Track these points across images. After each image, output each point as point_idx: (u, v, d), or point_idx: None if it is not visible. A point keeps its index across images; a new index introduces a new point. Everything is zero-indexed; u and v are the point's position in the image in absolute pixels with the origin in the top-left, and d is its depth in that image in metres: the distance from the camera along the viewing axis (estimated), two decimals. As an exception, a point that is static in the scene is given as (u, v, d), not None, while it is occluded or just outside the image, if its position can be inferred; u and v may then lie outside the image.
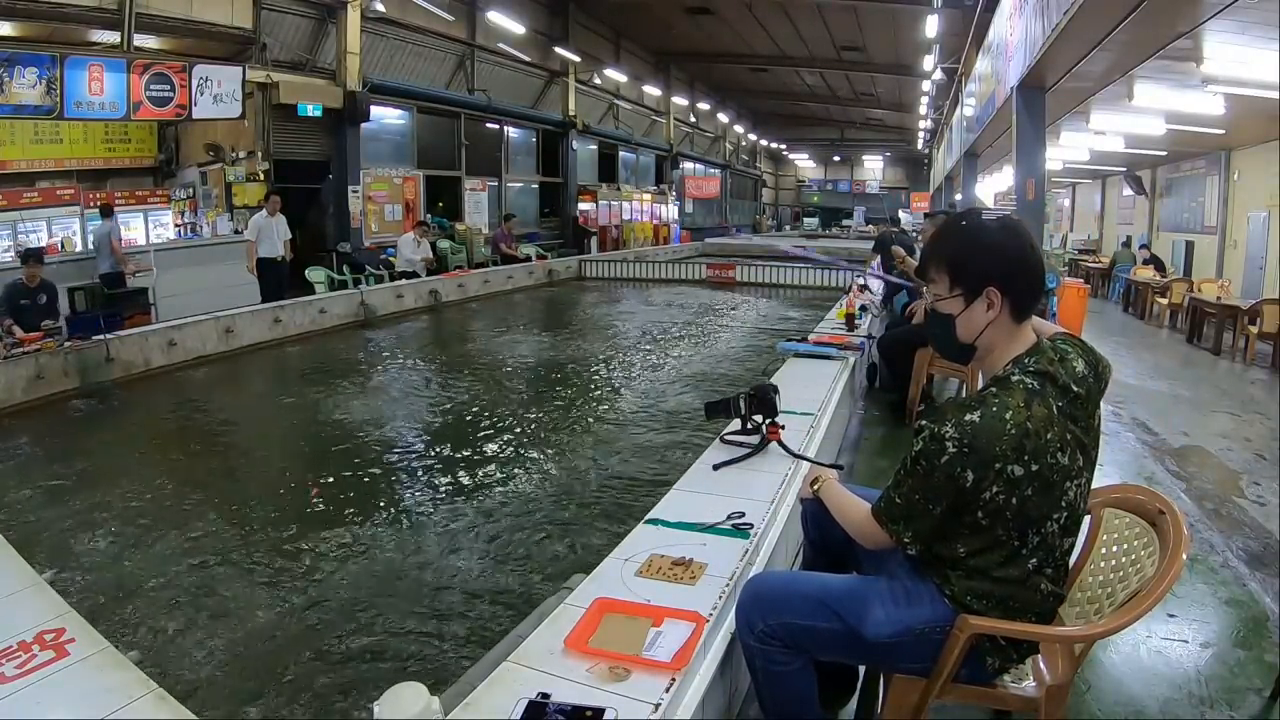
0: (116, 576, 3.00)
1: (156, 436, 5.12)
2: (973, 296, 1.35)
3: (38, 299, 6.01)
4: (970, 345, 1.40)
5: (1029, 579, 1.38)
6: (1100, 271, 13.53)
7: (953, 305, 1.38)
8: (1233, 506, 3.40)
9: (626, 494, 3.83)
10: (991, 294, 1.34)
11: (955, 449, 1.26)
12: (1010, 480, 1.27)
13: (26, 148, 12.13)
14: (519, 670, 1.45)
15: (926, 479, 1.31)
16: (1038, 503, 1.30)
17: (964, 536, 1.36)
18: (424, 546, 3.29)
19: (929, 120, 25.73)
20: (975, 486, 1.27)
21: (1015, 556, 1.36)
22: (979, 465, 1.25)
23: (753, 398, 2.67)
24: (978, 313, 1.35)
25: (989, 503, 1.29)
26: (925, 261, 1.45)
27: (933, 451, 1.28)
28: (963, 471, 1.26)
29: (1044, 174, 9.07)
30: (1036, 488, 1.28)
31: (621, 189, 22.11)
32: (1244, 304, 7.58)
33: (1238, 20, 5.11)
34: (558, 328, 9.50)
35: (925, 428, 1.31)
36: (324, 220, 12.57)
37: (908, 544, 1.39)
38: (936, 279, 1.40)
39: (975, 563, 1.38)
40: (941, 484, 1.29)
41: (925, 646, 1.42)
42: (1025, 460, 1.26)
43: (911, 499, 1.35)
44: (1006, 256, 1.34)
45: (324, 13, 12.04)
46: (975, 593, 1.39)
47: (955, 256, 1.38)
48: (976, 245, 1.36)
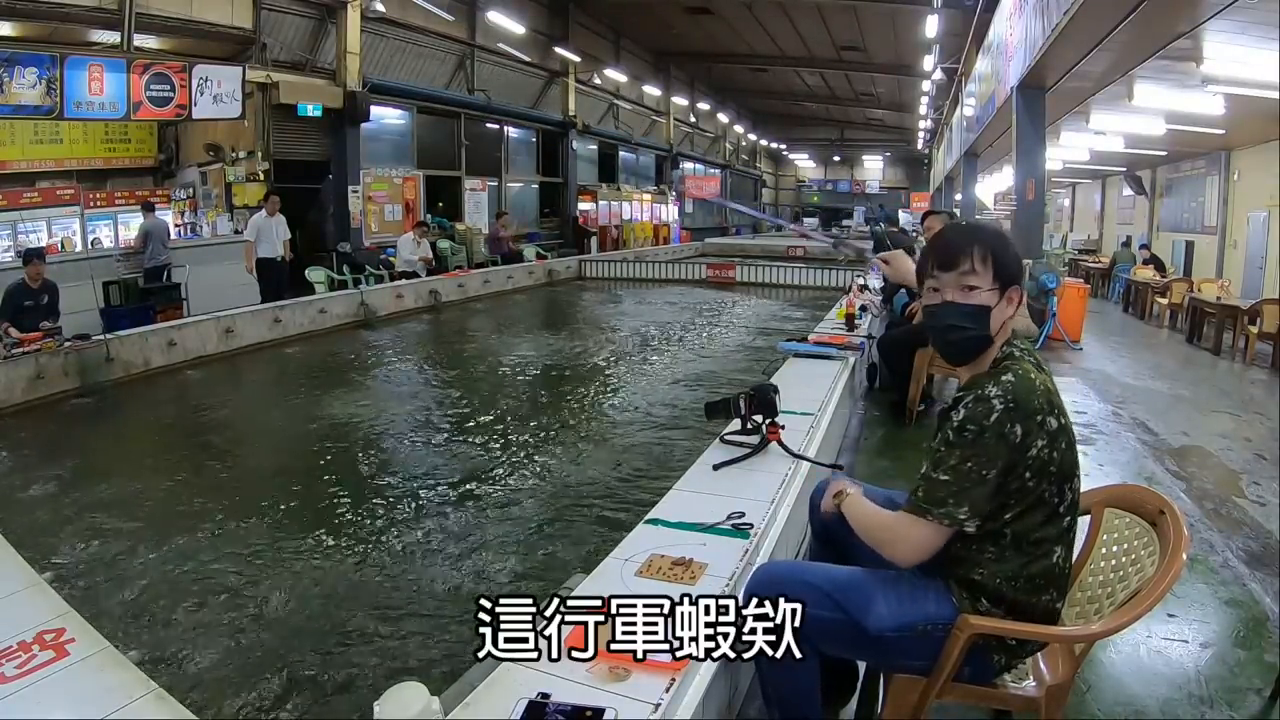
0: (117, 576, 3.00)
1: (156, 437, 5.12)
2: (1003, 292, 1.41)
3: (40, 299, 6.00)
4: (991, 338, 1.43)
5: (1058, 544, 1.40)
6: (1100, 271, 13.53)
7: (990, 297, 1.41)
8: (1233, 506, 3.39)
9: (626, 494, 3.83)
10: (1014, 292, 1.42)
11: (1002, 405, 1.30)
12: (1050, 433, 1.32)
13: (26, 148, 12.13)
14: (519, 670, 1.44)
15: (976, 443, 1.31)
16: (1069, 457, 1.36)
17: (1009, 504, 1.36)
18: (424, 546, 3.28)
19: (929, 120, 25.73)
20: (1024, 442, 1.30)
21: (1054, 514, 1.38)
22: (1024, 418, 1.30)
23: (753, 398, 2.67)
24: (1003, 308, 1.42)
25: (1035, 459, 1.32)
26: (959, 252, 1.42)
27: (980, 413, 1.31)
28: (1012, 427, 1.30)
29: (1044, 174, 9.08)
30: (1067, 441, 1.36)
31: (621, 189, 22.12)
32: (1244, 304, 7.57)
33: (1238, 20, 5.11)
34: (558, 328, 9.50)
35: (967, 395, 1.35)
36: (324, 220, 12.57)
37: (964, 521, 1.34)
38: (980, 270, 1.40)
39: (1018, 528, 1.37)
40: (993, 445, 1.30)
41: (927, 645, 1.42)
42: (1056, 413, 1.34)
43: (961, 470, 1.33)
44: (1018, 261, 1.44)
45: (324, 13, 12.04)
46: (1005, 575, 1.39)
47: (998, 251, 1.41)
48: (1007, 248, 1.43)
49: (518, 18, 15.41)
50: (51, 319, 5.99)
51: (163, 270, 9.01)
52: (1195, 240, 12.42)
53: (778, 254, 19.28)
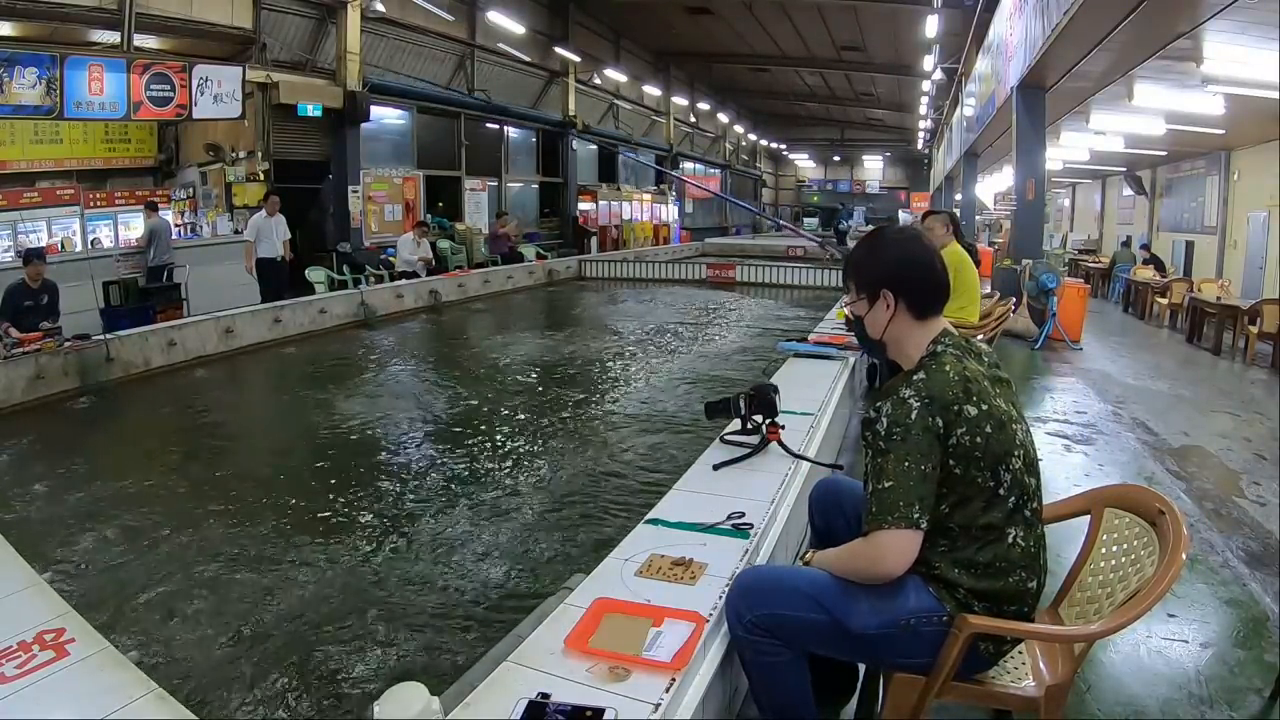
0: (117, 576, 3.01)
1: (156, 437, 5.12)
2: (871, 299, 1.54)
3: (40, 299, 6.00)
4: (880, 340, 1.56)
5: (1009, 525, 1.42)
6: (1100, 271, 13.53)
7: (860, 308, 1.58)
8: (1233, 506, 3.39)
9: (626, 494, 3.83)
10: (886, 295, 1.51)
11: (919, 403, 1.38)
12: (969, 420, 1.38)
13: (26, 148, 12.13)
14: (519, 670, 1.45)
15: (906, 442, 1.37)
16: (999, 439, 1.40)
17: (944, 496, 1.40)
18: (424, 546, 3.29)
19: (929, 120, 25.73)
20: (947, 432, 1.37)
21: (994, 498, 1.41)
22: (942, 410, 1.37)
23: (753, 398, 2.67)
24: (879, 312, 1.53)
25: (959, 446, 1.38)
26: (844, 278, 1.65)
27: (901, 415, 1.39)
28: (933, 420, 1.37)
29: (1044, 174, 9.08)
30: (994, 425, 1.40)
31: (621, 189, 22.12)
32: (1244, 304, 7.57)
33: (1238, 20, 5.11)
34: (558, 328, 9.50)
35: (879, 406, 1.43)
36: (324, 220, 12.57)
37: (918, 518, 1.37)
38: (849, 286, 1.61)
39: (960, 519, 1.41)
40: (923, 440, 1.37)
41: (915, 640, 1.44)
42: (975, 400, 1.39)
43: (900, 470, 1.37)
44: (896, 263, 1.53)
45: (324, 13, 12.04)
46: (962, 564, 1.42)
47: (856, 267, 1.60)
48: (871, 256, 1.58)
49: (518, 18, 15.41)
50: (51, 319, 5.99)
51: (163, 270, 9.02)
52: (1195, 240, 12.42)
53: (778, 254, 19.29)
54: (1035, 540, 1.47)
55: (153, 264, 8.92)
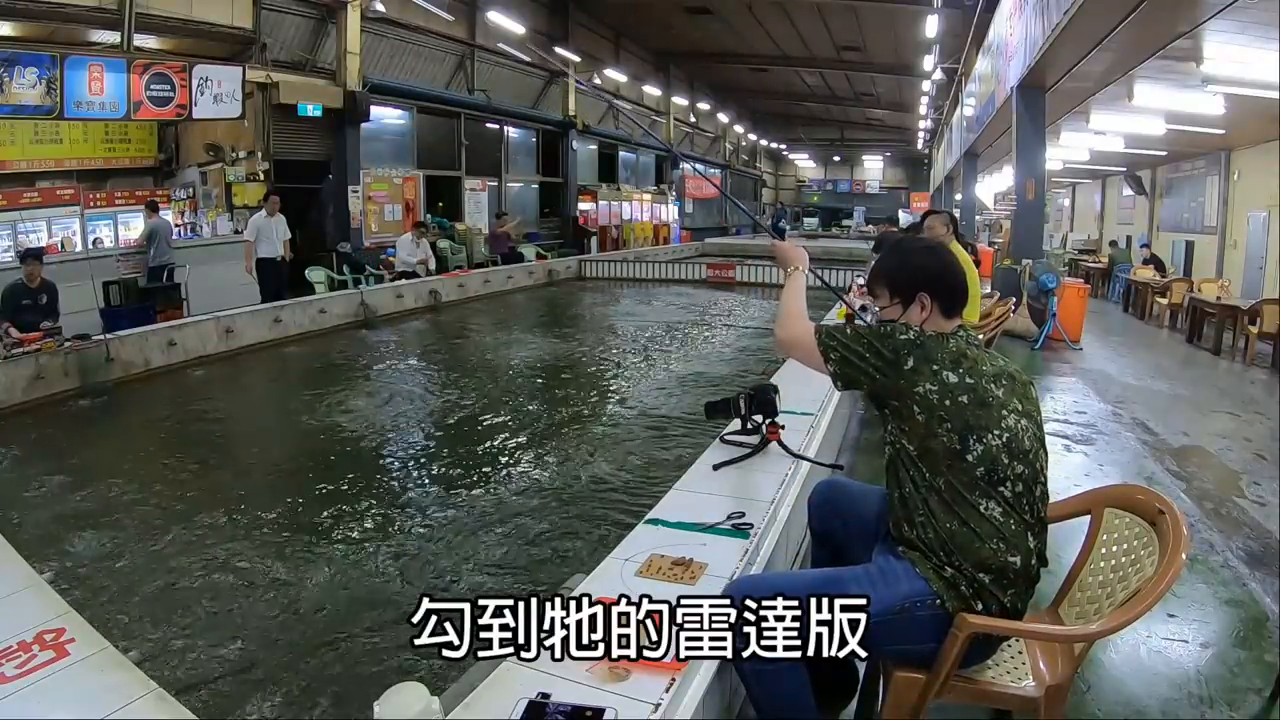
0: (117, 576, 3.01)
1: (156, 437, 5.11)
2: (908, 302, 1.66)
3: (38, 299, 6.00)
4: None
5: (981, 498, 1.48)
6: (1100, 271, 13.53)
7: (893, 312, 1.68)
8: (1233, 506, 3.39)
9: (625, 494, 3.83)
10: (923, 298, 1.64)
11: (913, 337, 1.55)
12: (944, 384, 1.50)
13: (26, 148, 12.10)
14: (519, 670, 1.44)
15: (881, 334, 1.57)
16: (975, 413, 1.49)
17: (906, 433, 1.55)
18: (425, 546, 3.29)
19: (929, 120, 25.73)
20: (912, 374, 1.51)
21: (960, 462, 1.48)
22: (921, 359, 1.52)
23: (753, 398, 2.67)
24: (914, 313, 1.65)
25: (923, 397, 1.50)
26: (870, 282, 1.77)
27: (897, 329, 1.58)
28: (907, 355, 1.52)
29: (1044, 174, 9.08)
30: (972, 399, 1.50)
31: (621, 189, 22.11)
32: (1244, 304, 7.56)
33: (1238, 20, 5.11)
34: (557, 328, 9.50)
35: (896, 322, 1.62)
36: (324, 220, 12.56)
37: (830, 354, 1.60)
38: (879, 293, 1.72)
39: (928, 466, 1.51)
40: (889, 344, 1.54)
41: (913, 626, 1.46)
42: (960, 372, 1.51)
43: (857, 338, 1.59)
44: (929, 270, 1.66)
45: (324, 13, 12.03)
46: (934, 528, 1.49)
47: (891, 275, 1.71)
48: (906, 264, 1.71)
49: (518, 18, 15.39)
50: (51, 319, 5.99)
51: (163, 270, 9.00)
52: (1195, 240, 12.41)
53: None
54: (1019, 523, 1.49)
55: (153, 264, 8.91)
